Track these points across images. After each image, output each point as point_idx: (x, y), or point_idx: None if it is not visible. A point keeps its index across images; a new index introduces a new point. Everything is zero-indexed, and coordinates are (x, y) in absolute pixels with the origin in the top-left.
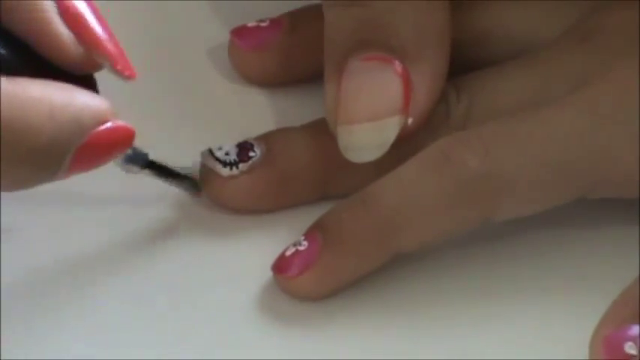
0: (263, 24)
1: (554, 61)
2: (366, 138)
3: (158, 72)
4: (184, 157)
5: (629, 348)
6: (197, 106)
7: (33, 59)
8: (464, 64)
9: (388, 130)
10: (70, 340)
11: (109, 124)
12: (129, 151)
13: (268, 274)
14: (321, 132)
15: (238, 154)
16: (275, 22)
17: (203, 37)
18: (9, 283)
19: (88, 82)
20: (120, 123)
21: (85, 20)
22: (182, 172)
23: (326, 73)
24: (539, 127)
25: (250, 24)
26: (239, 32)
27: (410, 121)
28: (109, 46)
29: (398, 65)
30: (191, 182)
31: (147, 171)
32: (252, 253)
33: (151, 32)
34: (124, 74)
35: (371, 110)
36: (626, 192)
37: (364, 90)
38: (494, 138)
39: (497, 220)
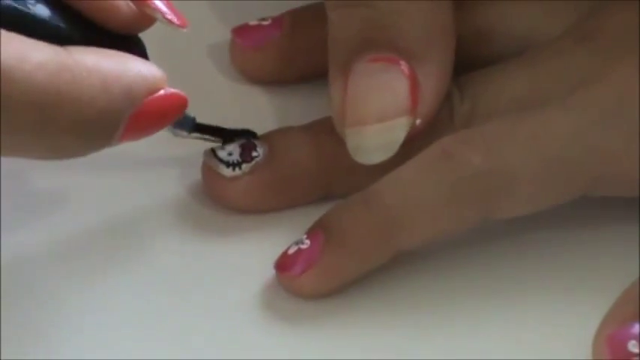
0: (264, 23)
1: (556, 61)
2: (375, 139)
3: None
4: (185, 156)
5: (633, 346)
6: (198, 104)
7: (83, 25)
8: (465, 62)
9: (397, 131)
10: (70, 340)
11: (161, 92)
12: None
13: (271, 272)
14: (323, 132)
15: (241, 155)
16: (276, 20)
17: (204, 36)
18: (9, 283)
19: (136, 47)
20: (172, 90)
21: None
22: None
23: (331, 74)
24: (541, 126)
25: (252, 22)
26: (240, 31)
27: (418, 121)
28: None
29: (404, 66)
30: (241, 133)
31: (195, 134)
32: (254, 251)
33: (152, 30)
34: (177, 24)
35: (379, 111)
36: (627, 191)
37: (372, 91)
38: (495, 137)
39: (498, 219)
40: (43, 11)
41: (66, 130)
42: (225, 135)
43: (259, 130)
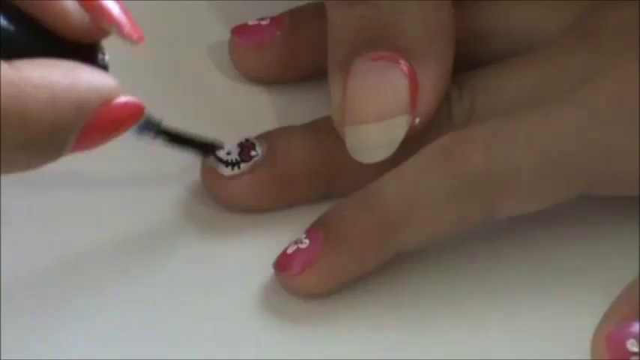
0: (264, 22)
1: (556, 59)
2: (374, 138)
3: (158, 70)
4: (185, 156)
5: (632, 345)
6: (197, 104)
7: (36, 32)
8: (465, 62)
9: (396, 130)
10: (70, 340)
11: (115, 102)
12: (141, 120)
13: (270, 271)
14: (322, 131)
15: (240, 154)
16: (276, 20)
17: (204, 35)
18: (8, 283)
19: (94, 52)
20: (127, 100)
21: None
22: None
23: (330, 73)
24: (541, 124)
25: (251, 22)
26: (240, 30)
27: (417, 120)
28: (115, 11)
29: (404, 64)
30: (205, 145)
31: (160, 138)
32: (253, 251)
33: (152, 30)
34: (132, 38)
35: (379, 110)
36: (628, 189)
37: (371, 90)
38: (495, 135)
39: (498, 217)
40: None
41: (14, 146)
42: (189, 143)
43: (259, 130)
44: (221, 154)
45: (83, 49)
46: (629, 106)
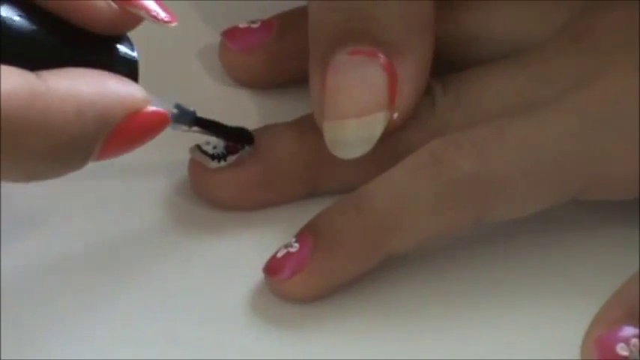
0: (254, 25)
1: (546, 63)
2: (352, 134)
3: (148, 72)
4: (174, 157)
5: (621, 349)
6: (187, 106)
7: (65, 32)
8: (453, 64)
9: (375, 126)
10: (62, 341)
11: (141, 113)
12: (175, 111)
13: (260, 275)
14: (309, 127)
15: (226, 147)
16: (266, 23)
17: (194, 38)
18: (6, 283)
19: (116, 46)
20: (152, 110)
21: None
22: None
23: (311, 66)
24: (531, 128)
25: (241, 25)
26: (230, 33)
27: (395, 115)
28: None
29: (383, 59)
30: (243, 132)
31: (195, 128)
32: (243, 254)
33: (142, 32)
34: (164, 20)
35: (357, 106)
36: (618, 193)
37: (350, 85)
38: (485, 140)
39: (489, 222)
40: (19, 22)
41: (39, 156)
42: (223, 130)
43: None
44: (207, 148)
45: (108, 42)
46: (621, 109)
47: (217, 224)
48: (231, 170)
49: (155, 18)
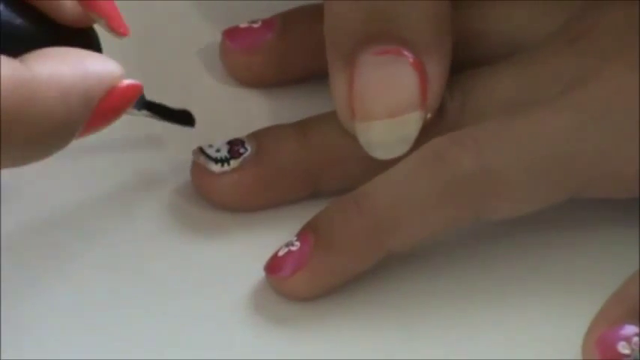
0: (255, 25)
1: (546, 62)
2: (386, 134)
3: (149, 72)
4: (175, 157)
5: (623, 347)
6: (188, 106)
7: (37, 18)
8: (457, 63)
9: (410, 126)
10: (61, 341)
11: (119, 87)
12: None
13: (260, 274)
14: (311, 129)
15: (229, 151)
16: (267, 23)
17: (195, 38)
18: (5, 282)
19: (90, 34)
20: (128, 82)
21: None
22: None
23: (332, 66)
24: (532, 127)
25: (242, 25)
26: (231, 33)
27: (429, 115)
28: (103, 3)
29: (412, 58)
30: (187, 115)
31: (144, 112)
32: (244, 253)
33: (143, 32)
34: (118, 31)
35: (390, 106)
36: (617, 192)
37: (380, 85)
38: (486, 138)
39: (489, 220)
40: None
41: (27, 142)
42: (171, 114)
43: (250, 132)
44: (210, 151)
45: (80, 32)
46: (619, 108)
47: (219, 224)
48: (234, 173)
49: (111, 29)
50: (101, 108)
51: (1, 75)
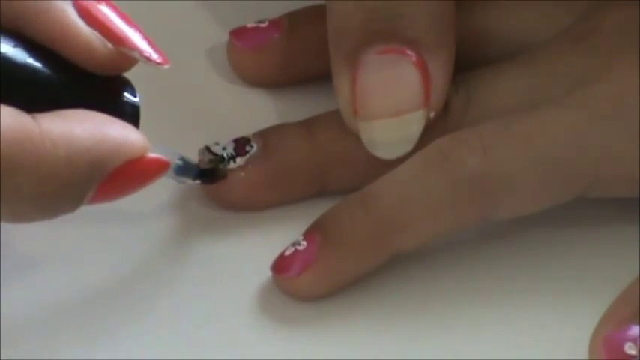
0: (262, 25)
1: (552, 62)
2: (389, 134)
3: (156, 72)
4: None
5: (629, 348)
6: (195, 106)
7: (60, 70)
8: (462, 63)
9: (413, 125)
10: (69, 341)
11: (139, 160)
12: (180, 163)
13: (267, 273)
14: (318, 127)
15: (235, 149)
16: (274, 23)
17: (202, 38)
18: (8, 280)
19: (120, 88)
20: (152, 157)
21: (107, 15)
22: None
23: (336, 66)
24: (538, 126)
25: (249, 25)
26: (238, 33)
27: (432, 114)
28: (136, 37)
29: (415, 57)
30: None
31: (199, 181)
32: (251, 253)
33: (150, 32)
34: (157, 62)
35: (393, 105)
36: (625, 191)
37: (384, 84)
38: (492, 137)
39: (495, 220)
40: (16, 54)
41: (27, 198)
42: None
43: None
44: (216, 149)
45: (109, 85)
46: (627, 107)
47: (226, 223)
48: (240, 171)
49: (147, 59)
50: (116, 178)
51: (1, 123)
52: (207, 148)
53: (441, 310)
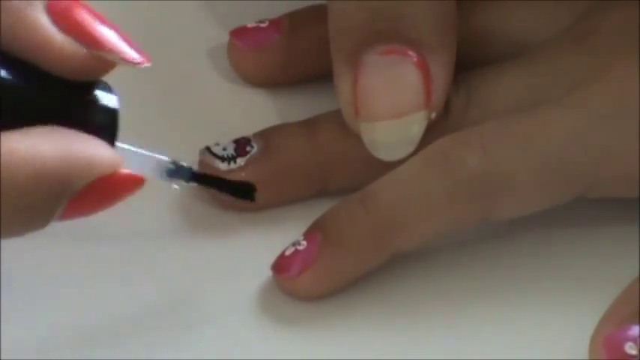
0: (263, 25)
1: (552, 62)
2: (391, 135)
3: (157, 72)
4: (183, 158)
5: (630, 348)
6: (196, 106)
7: (38, 80)
8: (462, 63)
9: (414, 126)
10: (68, 340)
11: (110, 176)
12: (171, 166)
13: (267, 273)
14: (318, 127)
15: (236, 149)
16: (275, 23)
17: (202, 38)
18: (8, 278)
19: (97, 91)
20: (124, 173)
21: (81, 18)
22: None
23: (337, 66)
24: (538, 126)
25: (250, 25)
26: (238, 33)
27: (433, 115)
28: (112, 37)
29: (417, 58)
30: (244, 185)
31: (193, 183)
32: (251, 252)
33: (150, 32)
34: (136, 62)
35: (394, 106)
36: (625, 191)
37: (385, 85)
38: (492, 137)
39: (495, 220)
40: None
41: None
42: (223, 184)
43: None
44: (216, 150)
45: (84, 92)
46: (627, 108)
47: (226, 223)
48: (240, 171)
49: (125, 60)
50: (87, 195)
51: None
52: (208, 149)
53: (441, 310)
